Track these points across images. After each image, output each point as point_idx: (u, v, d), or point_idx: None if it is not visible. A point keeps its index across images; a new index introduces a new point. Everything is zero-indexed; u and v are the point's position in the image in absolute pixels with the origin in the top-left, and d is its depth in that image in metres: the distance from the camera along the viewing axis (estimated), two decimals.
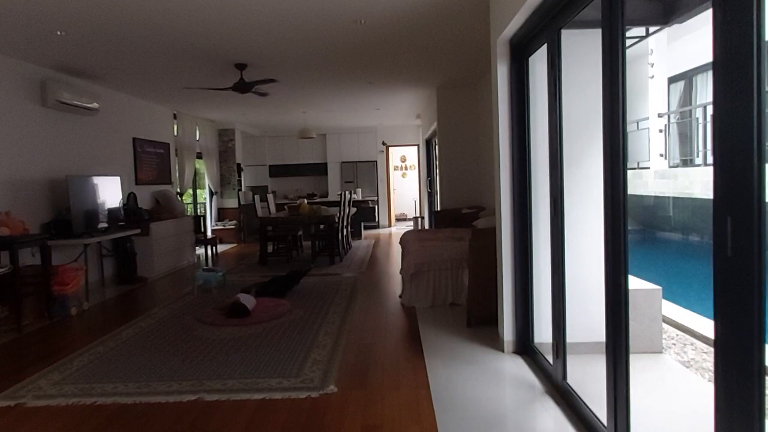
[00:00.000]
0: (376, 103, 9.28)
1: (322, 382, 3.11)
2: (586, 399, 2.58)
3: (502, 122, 3.61)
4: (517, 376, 3.17)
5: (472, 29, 4.72)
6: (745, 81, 1.39)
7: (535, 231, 3.45)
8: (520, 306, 3.53)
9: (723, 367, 1.47)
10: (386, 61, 5.96)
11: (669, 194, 9.25)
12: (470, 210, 7.11)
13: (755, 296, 1.34)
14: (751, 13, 1.35)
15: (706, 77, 9.76)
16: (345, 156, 13.37)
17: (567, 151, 3.12)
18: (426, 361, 3.45)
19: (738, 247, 1.39)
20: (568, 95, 3.15)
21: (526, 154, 3.53)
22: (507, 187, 3.60)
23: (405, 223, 13.83)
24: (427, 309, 4.79)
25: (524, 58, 3.53)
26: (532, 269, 3.46)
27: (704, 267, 8.74)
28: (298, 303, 5.18)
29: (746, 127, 1.37)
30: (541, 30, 3.14)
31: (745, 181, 1.37)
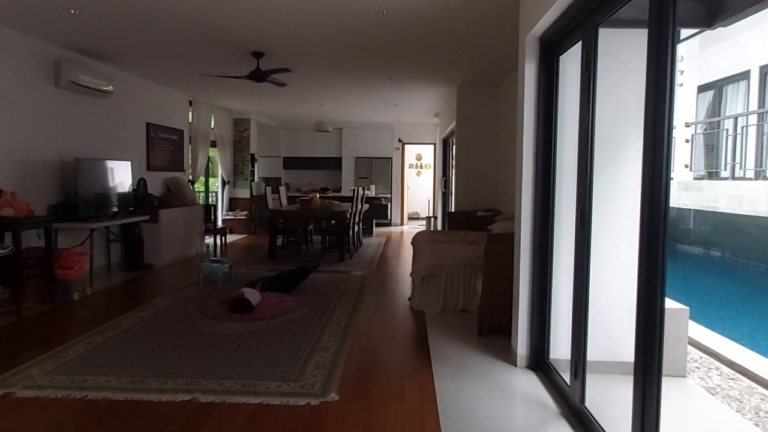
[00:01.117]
0: (394, 99, 9.09)
1: (324, 388, 2.95)
2: (606, 424, 2.39)
3: (527, 124, 3.42)
4: (530, 393, 2.98)
5: (499, 25, 4.52)
6: None
7: (557, 240, 3.25)
8: (536, 318, 3.33)
9: None
10: (407, 55, 5.77)
11: (692, 206, 8.95)
12: (486, 213, 6.91)
13: None
14: None
15: (737, 87, 9.42)
16: (360, 151, 13.20)
17: (597, 159, 2.92)
18: (434, 371, 3.27)
19: None
20: (602, 99, 2.95)
21: (551, 159, 3.33)
22: (529, 192, 3.41)
23: (417, 222, 13.64)
24: (436, 314, 4.61)
25: (554, 56, 3.33)
26: (551, 280, 3.26)
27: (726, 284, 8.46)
28: (304, 300, 5.03)
29: None
30: (575, 27, 2.93)
31: None
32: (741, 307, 6.11)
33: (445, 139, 10.46)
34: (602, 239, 2.99)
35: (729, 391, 3.15)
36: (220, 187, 11.03)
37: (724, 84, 9.84)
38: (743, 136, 8.73)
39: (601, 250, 2.97)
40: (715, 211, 8.22)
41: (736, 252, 8.48)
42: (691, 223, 10.01)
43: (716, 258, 9.17)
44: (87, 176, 5.60)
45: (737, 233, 8.30)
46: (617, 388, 2.84)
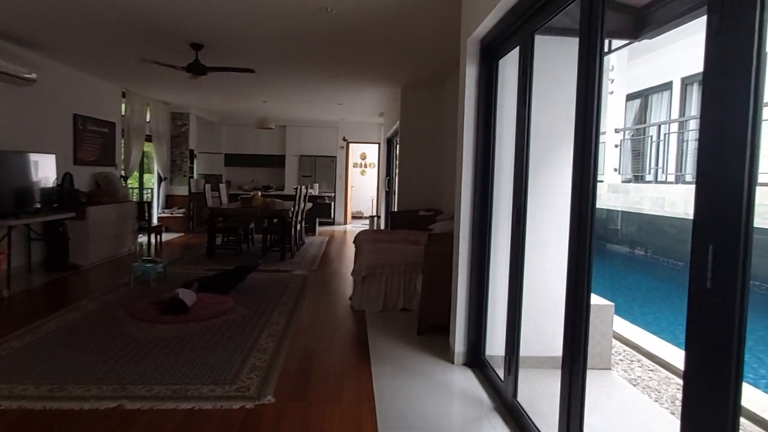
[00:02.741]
0: (338, 97, 9.04)
1: (260, 391, 2.88)
2: (536, 417, 2.47)
3: (467, 126, 3.48)
4: (466, 390, 3.04)
5: (442, 27, 4.58)
6: (738, 100, 1.28)
7: (494, 240, 3.33)
8: (474, 317, 3.41)
9: (693, 403, 1.37)
10: (352, 54, 5.74)
11: (620, 208, 9.47)
12: (427, 213, 7.00)
13: (735, 333, 1.23)
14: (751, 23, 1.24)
15: (662, 97, 10.05)
16: (304, 150, 13.04)
17: (533, 161, 3.02)
18: (372, 370, 3.27)
19: (719, 279, 1.28)
20: (538, 102, 3.05)
21: (489, 161, 3.41)
22: (468, 193, 3.47)
23: (361, 222, 13.63)
24: (377, 313, 4.61)
25: (494, 60, 3.41)
26: (488, 279, 3.34)
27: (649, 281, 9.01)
28: (242, 301, 4.89)
29: (738, 146, 1.26)
30: (513, 32, 3.02)
31: (732, 206, 1.26)
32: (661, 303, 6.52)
33: (389, 138, 10.52)
34: (537, 238, 3.10)
35: (648, 381, 3.35)
36: (155, 184, 10.55)
37: (649, 93, 10.48)
38: (665, 142, 9.33)
39: (536, 249, 3.08)
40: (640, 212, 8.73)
41: (658, 251, 9.05)
42: (619, 224, 10.58)
43: (640, 256, 9.75)
44: (6, 169, 5.20)
45: (659, 233, 8.85)
46: (549, 381, 2.94)
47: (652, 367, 3.63)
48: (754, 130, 1.27)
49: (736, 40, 1.31)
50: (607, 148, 9.98)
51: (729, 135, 1.31)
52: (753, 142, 1.27)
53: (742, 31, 1.30)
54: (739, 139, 1.28)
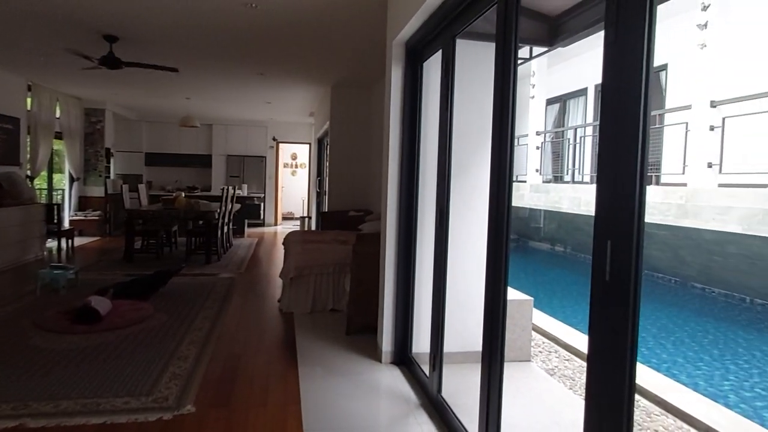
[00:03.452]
0: (267, 96, 8.85)
1: (179, 400, 2.75)
2: (460, 411, 2.54)
3: (393, 127, 3.52)
4: (392, 388, 3.07)
5: (370, 28, 4.60)
6: (632, 103, 1.38)
7: (420, 239, 3.39)
8: (401, 315, 3.45)
9: (595, 383, 1.46)
10: (279, 52, 5.64)
11: (542, 207, 9.96)
12: (358, 213, 7.01)
13: (630, 320, 1.34)
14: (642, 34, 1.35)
15: (578, 102, 10.68)
16: (232, 149, 12.65)
17: (455, 161, 3.10)
18: (300, 372, 3.23)
19: (616, 272, 1.38)
20: (460, 105, 3.14)
21: (415, 161, 3.47)
22: (394, 193, 3.51)
23: (292, 223, 13.43)
24: (306, 315, 4.56)
25: (419, 63, 3.47)
26: (414, 277, 3.39)
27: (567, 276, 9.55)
28: (163, 307, 4.66)
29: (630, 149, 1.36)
30: (436, 36, 3.09)
31: (626, 205, 1.36)
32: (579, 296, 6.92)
33: (320, 138, 10.44)
34: (460, 237, 3.19)
35: (564, 371, 3.54)
36: (67, 185, 9.83)
37: (567, 98, 11.11)
38: (581, 145, 9.92)
39: (459, 248, 3.17)
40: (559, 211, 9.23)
41: (576, 247, 9.61)
42: (542, 222, 11.14)
43: (560, 253, 10.32)
44: None
45: (576, 231, 9.41)
46: (472, 375, 3.03)
47: (568, 357, 3.84)
48: (644, 134, 1.37)
49: (629, 50, 1.41)
50: (529, 150, 10.46)
51: (622, 139, 1.41)
52: (643, 146, 1.37)
53: (634, 43, 1.40)
54: (631, 142, 1.38)
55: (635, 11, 1.40)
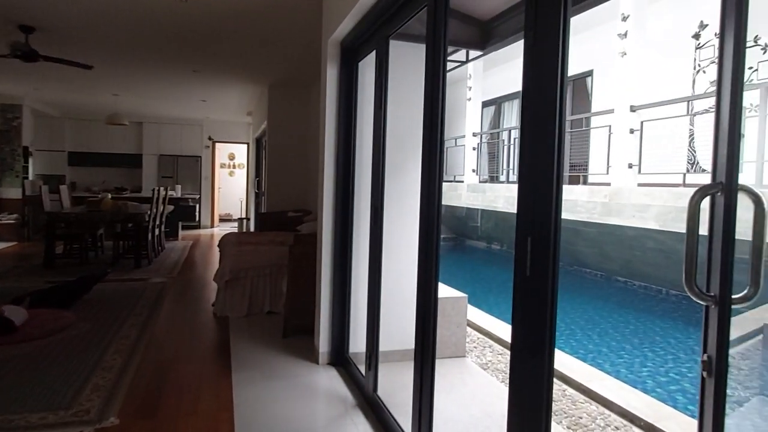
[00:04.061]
0: (202, 94, 8.56)
1: (101, 413, 2.60)
2: (395, 409, 2.56)
3: (329, 126, 3.51)
4: (329, 389, 3.05)
5: (306, 27, 4.55)
6: (549, 105, 1.44)
7: (356, 239, 3.39)
8: (338, 315, 3.43)
9: (517, 371, 1.53)
10: (213, 49, 5.46)
11: (479, 206, 10.24)
12: (296, 214, 6.92)
13: (548, 311, 1.40)
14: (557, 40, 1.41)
15: (512, 105, 11.07)
16: (165, 149, 12.14)
17: (391, 161, 3.13)
18: (233, 378, 3.14)
19: (536, 266, 1.44)
20: (397, 106, 3.16)
21: (351, 161, 3.47)
22: (330, 193, 3.50)
23: (230, 224, 13.07)
24: (241, 319, 4.44)
25: (354, 62, 3.47)
26: (351, 277, 3.39)
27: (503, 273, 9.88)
28: (87, 315, 4.40)
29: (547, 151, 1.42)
30: (371, 36, 3.10)
31: (544, 203, 1.42)
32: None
33: (258, 138, 10.22)
34: (396, 237, 3.22)
35: (498, 365, 3.65)
36: None
37: (502, 101, 11.48)
38: (515, 146, 10.28)
39: (394, 247, 3.19)
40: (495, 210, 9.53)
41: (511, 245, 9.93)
42: (479, 221, 11.45)
43: (497, 250, 10.65)
44: None
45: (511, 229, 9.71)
46: (408, 373, 3.06)
47: (501, 351, 3.97)
48: (560, 135, 1.44)
49: (546, 54, 1.48)
50: (466, 151, 10.72)
51: (540, 140, 1.48)
52: (559, 147, 1.44)
53: (550, 47, 1.47)
54: (548, 143, 1.45)
55: (551, 17, 1.46)
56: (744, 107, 5.65)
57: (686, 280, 1.30)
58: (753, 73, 5.89)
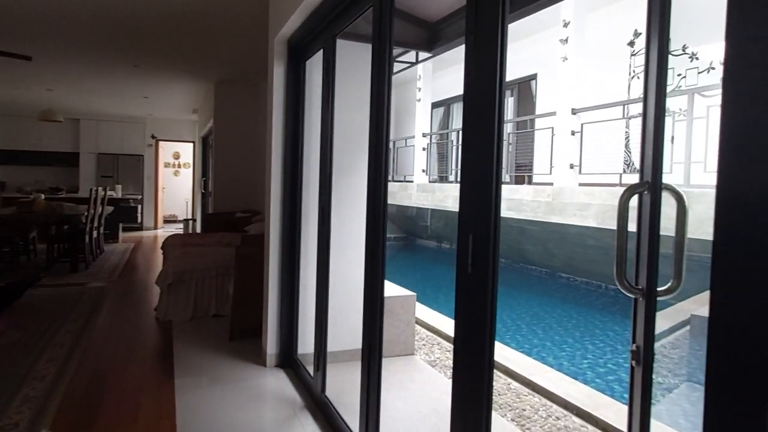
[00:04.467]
0: (144, 90, 8.24)
1: (32, 425, 2.46)
2: (344, 409, 2.56)
3: (276, 125, 3.46)
4: (277, 392, 3.01)
5: (252, 23, 4.47)
6: (488, 106, 1.48)
7: (304, 239, 3.36)
8: (286, 316, 3.39)
9: (460, 363, 1.57)
10: (155, 43, 5.26)
11: (429, 206, 10.37)
12: (245, 214, 6.78)
13: (488, 306, 1.44)
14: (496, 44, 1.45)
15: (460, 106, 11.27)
16: (104, 147, 11.60)
17: (339, 161, 3.12)
18: (176, 384, 3.04)
19: (477, 263, 1.48)
20: (345, 105, 3.16)
21: (298, 161, 3.43)
22: (277, 193, 3.45)
23: (175, 226, 12.64)
24: (186, 322, 4.31)
25: (302, 60, 3.43)
26: (299, 278, 3.36)
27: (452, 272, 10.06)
28: (17, 322, 4.14)
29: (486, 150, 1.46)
30: (318, 35, 3.08)
31: (485, 202, 1.46)
32: None
33: (204, 137, 9.94)
34: (344, 236, 3.21)
35: (446, 361, 3.71)
36: None
37: (450, 102, 11.68)
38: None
39: (343, 246, 3.19)
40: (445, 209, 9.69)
41: None
42: (429, 221, 11.60)
43: (446, 249, 10.83)
44: None
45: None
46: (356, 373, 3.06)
47: (449, 348, 4.03)
48: (499, 136, 1.48)
49: (486, 57, 1.52)
50: (416, 151, 10.84)
51: (481, 140, 1.51)
52: (498, 147, 1.48)
53: (490, 50, 1.51)
54: (488, 144, 1.49)
55: (491, 21, 1.50)
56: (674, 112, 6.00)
57: (617, 274, 1.37)
58: (681, 80, 6.26)
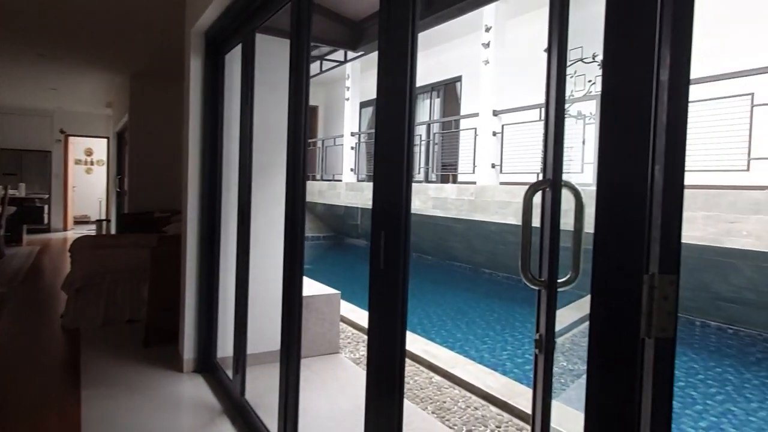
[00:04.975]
0: (51, 81, 7.64)
1: None
2: (264, 411, 2.51)
3: (193, 121, 3.34)
4: (195, 397, 2.90)
5: (168, 13, 4.26)
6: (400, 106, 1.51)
7: (224, 239, 3.26)
8: (204, 319, 3.27)
9: (373, 353, 1.62)
10: (62, 30, 4.88)
11: (358, 205, 10.40)
12: (164, 214, 6.47)
13: (399, 300, 1.47)
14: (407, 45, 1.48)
15: None
16: (6, 142, 10.64)
17: (260, 160, 3.05)
18: (83, 395, 2.84)
19: (389, 259, 1.50)
20: (266, 102, 3.09)
21: (218, 158, 3.32)
22: (195, 191, 3.33)
23: (87, 227, 11.82)
24: (97, 329, 4.04)
25: (221, 55, 3.33)
26: (218, 279, 3.25)
27: None
28: None
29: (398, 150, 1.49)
30: (237, 29, 2.99)
31: (396, 200, 1.49)
32: None
33: (119, 132, 9.37)
34: (265, 235, 3.15)
35: None
36: None
37: None
38: None
39: (263, 246, 3.12)
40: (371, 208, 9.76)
41: None
42: (359, 219, 11.63)
43: None
44: None
45: None
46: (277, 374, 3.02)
47: None
48: (410, 135, 1.51)
49: (398, 58, 1.54)
50: (345, 150, 10.83)
51: (393, 139, 1.54)
52: (409, 146, 1.51)
53: (401, 51, 1.53)
54: (400, 143, 1.51)
55: (402, 23, 1.53)
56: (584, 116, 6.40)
57: (521, 267, 1.44)
58: (591, 86, 6.69)
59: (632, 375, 0.87)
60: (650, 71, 0.87)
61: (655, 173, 0.88)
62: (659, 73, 0.87)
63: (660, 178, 0.87)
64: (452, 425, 2.76)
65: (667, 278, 0.87)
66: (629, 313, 0.88)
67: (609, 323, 0.91)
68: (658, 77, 0.87)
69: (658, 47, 0.86)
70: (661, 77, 0.87)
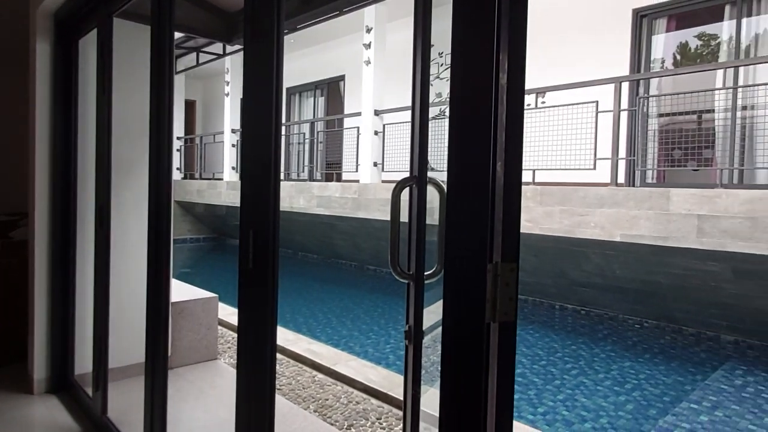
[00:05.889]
0: None
1: None
2: (129, 428, 2.32)
3: (41, 111, 3.00)
4: (48, 421, 2.59)
5: None
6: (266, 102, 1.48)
7: (81, 244, 2.95)
8: (59, 334, 2.93)
9: (244, 349, 1.56)
10: None
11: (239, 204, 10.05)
12: (11, 217, 5.69)
13: (269, 299, 1.45)
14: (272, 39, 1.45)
15: None
16: None
17: (123, 155, 2.82)
18: None
19: (257, 259, 1.47)
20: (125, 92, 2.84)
21: (71, 153, 3.00)
22: (45, 190, 2.99)
23: None
24: None
25: (74, 39, 3.01)
26: (75, 289, 2.93)
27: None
28: None
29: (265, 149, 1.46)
30: (91, 11, 2.73)
31: (264, 199, 1.46)
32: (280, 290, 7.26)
33: None
34: (129, 238, 2.91)
35: None
36: None
37: None
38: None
39: (128, 250, 2.88)
40: None
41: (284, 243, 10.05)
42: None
43: None
44: None
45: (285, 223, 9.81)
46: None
47: None
48: (277, 133, 1.49)
49: (263, 52, 1.51)
50: (225, 148, 10.39)
51: (259, 137, 1.50)
52: (276, 144, 1.48)
53: (266, 44, 1.50)
54: (267, 141, 1.48)
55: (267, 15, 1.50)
56: None
57: (391, 261, 1.49)
58: None
59: (479, 356, 0.94)
60: (490, 77, 0.94)
61: (497, 169, 0.95)
62: (498, 78, 0.94)
63: (501, 174, 0.95)
64: (334, 422, 2.77)
65: (508, 266, 0.95)
66: (476, 300, 0.94)
67: (459, 309, 0.97)
68: (498, 81, 0.94)
69: (497, 54, 0.93)
70: (500, 81, 0.95)
